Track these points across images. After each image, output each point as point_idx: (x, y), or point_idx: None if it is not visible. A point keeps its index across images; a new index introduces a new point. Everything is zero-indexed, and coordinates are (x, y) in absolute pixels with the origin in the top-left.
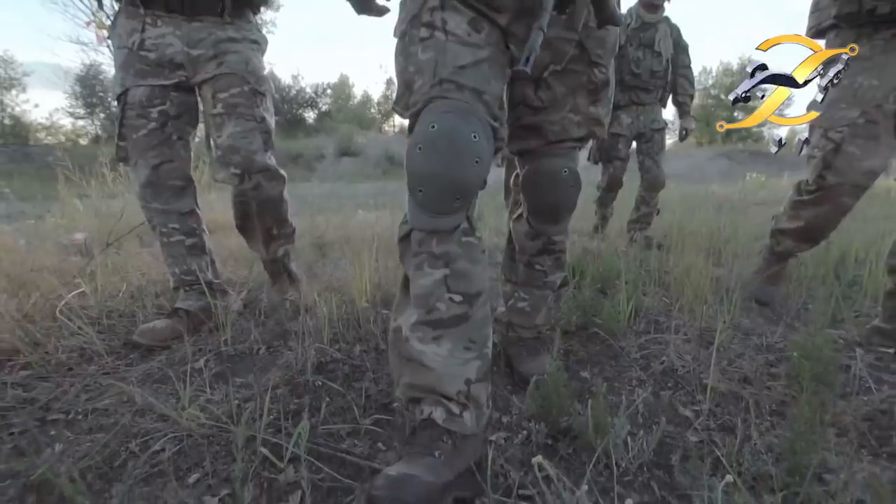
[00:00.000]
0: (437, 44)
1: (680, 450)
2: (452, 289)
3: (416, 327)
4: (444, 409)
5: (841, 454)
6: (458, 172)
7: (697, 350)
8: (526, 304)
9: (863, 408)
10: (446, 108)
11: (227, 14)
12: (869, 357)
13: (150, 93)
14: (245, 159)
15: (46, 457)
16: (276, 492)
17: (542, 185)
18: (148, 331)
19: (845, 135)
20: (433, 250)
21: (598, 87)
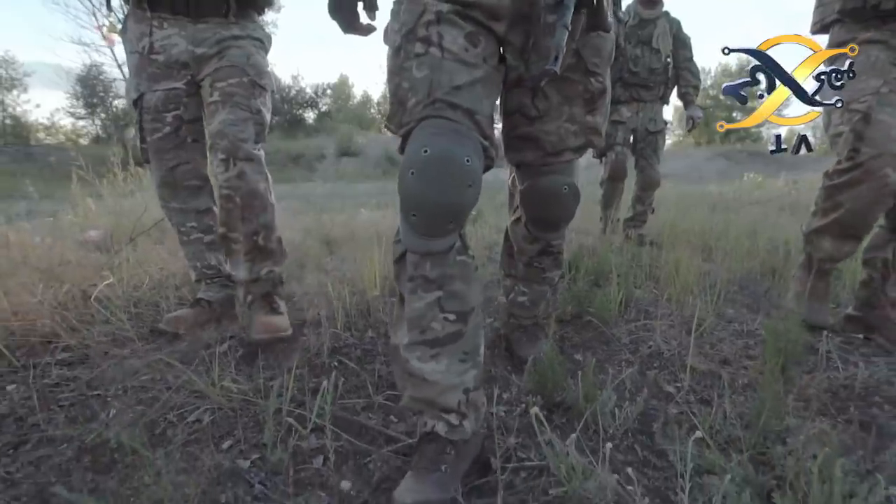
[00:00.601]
0: (433, 61)
1: (661, 419)
2: (446, 309)
3: (413, 347)
4: (445, 422)
5: (800, 418)
6: (452, 198)
7: (682, 336)
8: (526, 299)
9: (826, 383)
10: (438, 130)
11: (231, 15)
12: (837, 340)
13: (165, 97)
14: (231, 144)
15: (98, 423)
16: (301, 456)
17: (543, 201)
18: (173, 319)
19: (871, 103)
20: (427, 274)
21: (594, 96)
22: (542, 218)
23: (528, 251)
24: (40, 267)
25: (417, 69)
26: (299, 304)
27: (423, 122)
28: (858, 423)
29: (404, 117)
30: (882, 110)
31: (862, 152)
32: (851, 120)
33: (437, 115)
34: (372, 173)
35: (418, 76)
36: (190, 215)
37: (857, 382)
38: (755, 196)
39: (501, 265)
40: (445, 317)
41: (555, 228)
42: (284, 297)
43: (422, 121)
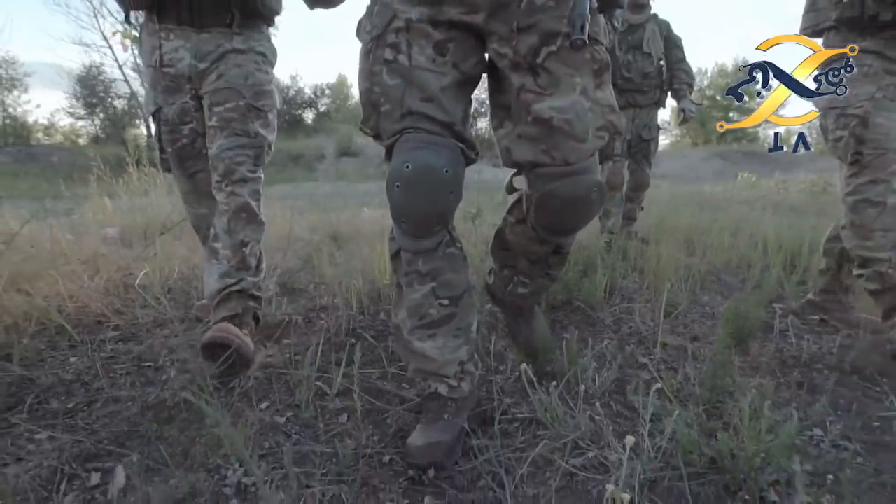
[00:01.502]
0: (402, 69)
1: (634, 382)
2: (440, 296)
3: (414, 332)
4: (446, 385)
5: (748, 378)
6: (435, 206)
7: (659, 318)
8: (526, 290)
9: (776, 353)
10: (417, 144)
11: (235, 25)
12: (797, 321)
13: (181, 111)
14: (227, 168)
15: (154, 387)
16: (328, 414)
17: (565, 208)
18: (202, 307)
19: (868, 108)
20: (420, 269)
21: (601, 67)
22: (560, 225)
23: (535, 253)
24: (80, 259)
25: (388, 76)
26: (315, 293)
27: (403, 137)
28: (798, 384)
29: (382, 125)
30: (878, 114)
31: (865, 155)
32: (849, 125)
33: (415, 127)
34: (372, 173)
35: (390, 83)
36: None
37: (803, 353)
38: (745, 195)
39: (495, 257)
40: (440, 303)
41: (572, 232)
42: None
43: (402, 133)
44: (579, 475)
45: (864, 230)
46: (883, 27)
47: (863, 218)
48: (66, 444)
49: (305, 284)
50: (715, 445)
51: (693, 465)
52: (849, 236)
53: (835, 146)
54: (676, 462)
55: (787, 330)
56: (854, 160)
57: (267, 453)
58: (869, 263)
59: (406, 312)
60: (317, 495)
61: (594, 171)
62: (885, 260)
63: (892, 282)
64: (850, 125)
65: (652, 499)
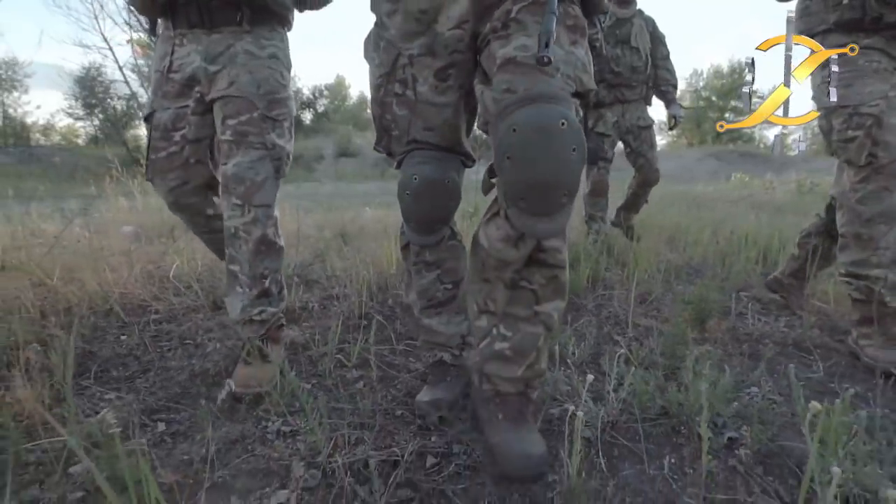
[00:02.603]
0: (409, 102)
1: (607, 354)
2: (444, 281)
3: (423, 311)
4: (450, 354)
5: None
6: (438, 211)
7: (632, 302)
8: (507, 346)
9: (731, 330)
10: (423, 159)
11: (245, 23)
12: (757, 305)
13: (175, 116)
14: (248, 190)
15: (197, 359)
16: (347, 381)
17: (529, 146)
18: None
19: (883, 107)
20: (427, 259)
21: (576, 24)
22: (524, 184)
23: (510, 261)
24: (115, 253)
25: (398, 107)
26: (327, 284)
27: (410, 153)
28: (746, 355)
29: (392, 146)
30: (893, 114)
31: (880, 158)
32: (864, 125)
33: (420, 146)
34: (370, 173)
35: (399, 113)
36: (199, 226)
37: (754, 330)
38: (734, 195)
39: (472, 297)
40: (444, 287)
41: (546, 206)
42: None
43: (409, 150)
44: (555, 420)
45: (871, 244)
46: (881, 30)
47: (873, 232)
48: (132, 402)
49: (318, 276)
50: (666, 397)
51: (648, 412)
52: (848, 247)
53: (844, 147)
54: (634, 410)
55: (745, 312)
56: (867, 162)
57: (299, 409)
58: (862, 278)
59: (416, 295)
60: (345, 436)
61: (564, 104)
62: (881, 278)
63: (879, 298)
64: (865, 125)
65: (613, 434)
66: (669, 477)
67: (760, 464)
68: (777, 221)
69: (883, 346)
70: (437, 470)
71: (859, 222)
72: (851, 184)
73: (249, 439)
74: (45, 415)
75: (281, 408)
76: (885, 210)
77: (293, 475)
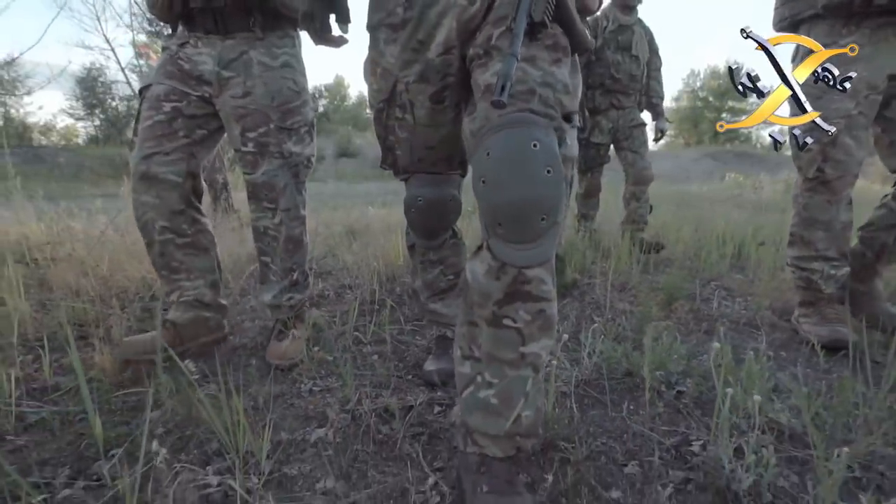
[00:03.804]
0: (409, 126)
1: (585, 331)
2: (447, 273)
3: (428, 298)
4: (451, 329)
5: (664, 324)
6: (441, 224)
7: (614, 291)
8: (492, 394)
9: (694, 311)
10: (425, 181)
11: (257, 28)
12: (723, 293)
13: (169, 90)
14: (276, 195)
15: (235, 335)
16: (364, 356)
17: (501, 169)
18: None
19: (841, 127)
20: (431, 258)
21: (556, 45)
22: (499, 207)
23: (491, 294)
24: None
25: (399, 129)
26: (340, 275)
27: (414, 175)
28: (704, 332)
29: (398, 165)
30: (848, 133)
31: (827, 173)
32: (821, 139)
33: (423, 169)
34: (370, 174)
35: (401, 136)
36: (163, 213)
37: (715, 312)
38: (724, 195)
39: (457, 342)
40: (448, 278)
41: (524, 232)
42: (307, 320)
43: (412, 172)
44: None
45: (811, 246)
46: (871, 15)
47: (811, 237)
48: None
49: (332, 267)
50: (630, 360)
51: (614, 373)
52: (795, 244)
53: (798, 156)
54: (603, 371)
55: (710, 298)
56: (815, 176)
57: (325, 375)
58: (804, 270)
59: (422, 285)
60: (368, 393)
61: (536, 127)
62: (818, 271)
63: (816, 287)
64: (821, 140)
65: (585, 389)
66: (626, 417)
67: (699, 408)
68: (758, 219)
69: (817, 324)
70: (442, 414)
71: (803, 225)
72: (801, 190)
73: (287, 395)
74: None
75: (312, 373)
76: (824, 219)
77: (329, 418)
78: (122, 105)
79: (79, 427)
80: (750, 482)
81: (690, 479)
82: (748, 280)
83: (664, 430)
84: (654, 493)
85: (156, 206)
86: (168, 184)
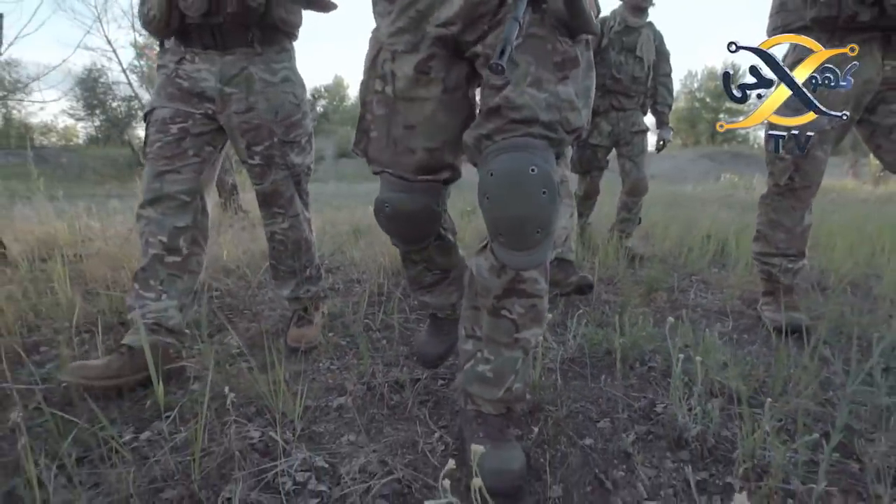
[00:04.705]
0: (388, 100)
1: (572, 317)
2: (432, 270)
3: (415, 291)
4: (443, 312)
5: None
6: (415, 233)
7: (601, 284)
8: (488, 369)
9: (671, 301)
10: (395, 187)
11: (256, 43)
12: (701, 286)
13: (174, 112)
14: (285, 203)
15: (258, 321)
16: (374, 341)
17: (502, 189)
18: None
19: (814, 140)
20: (412, 258)
21: (565, 60)
22: (501, 221)
23: (492, 288)
24: None
25: (377, 106)
26: (349, 270)
27: (387, 176)
28: (678, 318)
29: (370, 149)
30: (819, 147)
31: (795, 181)
32: (794, 152)
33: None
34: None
35: (378, 113)
36: (164, 229)
37: (691, 302)
38: (716, 195)
39: (462, 322)
40: (433, 274)
41: (522, 242)
42: (322, 308)
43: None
44: None
45: (771, 245)
46: (855, 29)
47: (774, 237)
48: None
49: (340, 263)
50: (609, 341)
51: (595, 353)
52: (759, 240)
53: (772, 161)
54: (586, 351)
55: (688, 289)
56: (786, 184)
57: (341, 356)
58: (766, 264)
59: (407, 279)
60: (380, 369)
61: (536, 155)
62: (777, 265)
63: (775, 278)
64: (794, 152)
65: (569, 365)
66: (602, 386)
67: (666, 378)
68: (743, 218)
69: (775, 311)
70: (445, 385)
71: (769, 226)
72: (770, 193)
73: (308, 372)
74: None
75: (329, 354)
76: (788, 224)
77: (348, 389)
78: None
79: (133, 396)
80: (697, 431)
81: (651, 431)
82: (725, 275)
83: (634, 395)
84: (619, 440)
85: (158, 222)
86: (177, 202)
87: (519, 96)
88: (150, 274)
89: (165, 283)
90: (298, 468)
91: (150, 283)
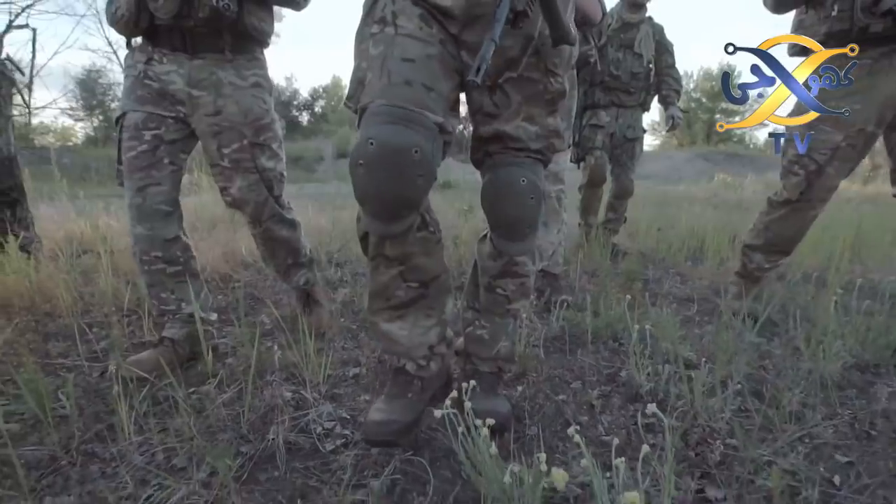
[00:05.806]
0: (387, 38)
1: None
2: (409, 279)
3: (379, 312)
4: (414, 364)
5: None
6: (402, 191)
7: (589, 278)
8: (485, 332)
9: (648, 289)
10: (386, 118)
11: (228, 51)
12: (677, 278)
13: (147, 117)
14: (255, 209)
15: (278, 308)
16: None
17: (500, 196)
18: (134, 362)
19: (829, 157)
20: (386, 253)
21: (555, 97)
22: (499, 218)
23: (489, 269)
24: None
25: (374, 47)
26: (356, 263)
27: (375, 106)
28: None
29: (363, 96)
30: (832, 164)
31: (807, 198)
32: (807, 168)
33: (390, 99)
34: None
35: (374, 53)
36: (156, 243)
37: (667, 292)
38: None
39: (465, 296)
40: (409, 285)
41: (515, 235)
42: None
43: (374, 101)
44: None
45: (756, 239)
46: (871, 42)
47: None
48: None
49: (347, 258)
50: (589, 322)
51: (574, 331)
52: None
53: (786, 173)
54: (566, 331)
55: (663, 280)
56: (798, 198)
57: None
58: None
59: (369, 294)
60: None
61: (527, 169)
62: (755, 260)
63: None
64: (808, 168)
65: (552, 342)
66: (578, 357)
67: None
68: (727, 218)
69: (736, 297)
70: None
71: (767, 228)
72: (780, 203)
73: (325, 350)
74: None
75: (342, 335)
76: (788, 234)
77: (362, 361)
78: None
79: None
80: (649, 388)
81: (613, 389)
82: (700, 268)
83: (604, 364)
84: (587, 394)
85: (149, 238)
86: (160, 214)
87: (514, 130)
88: (160, 289)
89: (178, 293)
90: (326, 418)
91: (163, 296)
